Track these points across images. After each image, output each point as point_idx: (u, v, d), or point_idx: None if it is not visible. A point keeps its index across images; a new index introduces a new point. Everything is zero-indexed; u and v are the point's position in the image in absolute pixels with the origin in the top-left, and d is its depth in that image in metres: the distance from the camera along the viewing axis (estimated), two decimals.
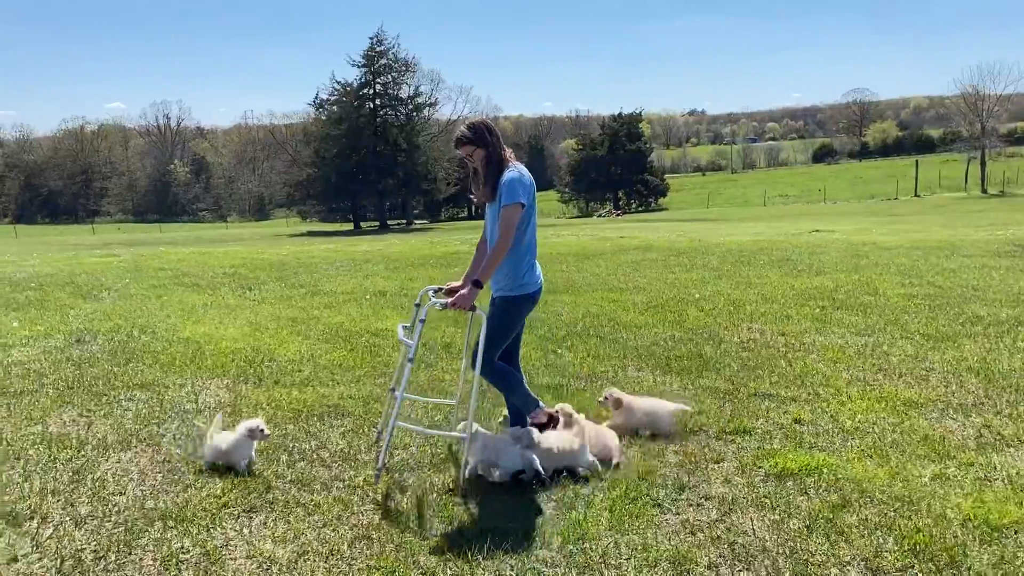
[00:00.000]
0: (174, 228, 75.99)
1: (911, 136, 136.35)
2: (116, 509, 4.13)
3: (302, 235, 51.95)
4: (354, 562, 3.56)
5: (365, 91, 63.62)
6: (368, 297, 10.84)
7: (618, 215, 68.24)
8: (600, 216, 68.27)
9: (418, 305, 4.72)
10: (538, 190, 4.88)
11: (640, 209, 78.63)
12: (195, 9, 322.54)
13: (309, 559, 3.59)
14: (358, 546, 3.70)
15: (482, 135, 4.48)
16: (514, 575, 3.42)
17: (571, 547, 3.62)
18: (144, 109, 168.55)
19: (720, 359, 6.90)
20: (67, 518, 4.04)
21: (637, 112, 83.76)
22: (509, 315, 4.57)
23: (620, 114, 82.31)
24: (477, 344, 4.42)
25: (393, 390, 4.81)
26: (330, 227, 66.63)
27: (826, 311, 8.92)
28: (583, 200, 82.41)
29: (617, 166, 78.14)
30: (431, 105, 67.49)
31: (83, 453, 4.96)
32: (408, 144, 61.71)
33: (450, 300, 4.36)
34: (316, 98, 64.77)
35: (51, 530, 3.91)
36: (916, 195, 63.71)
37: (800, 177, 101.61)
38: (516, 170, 4.44)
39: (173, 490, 4.38)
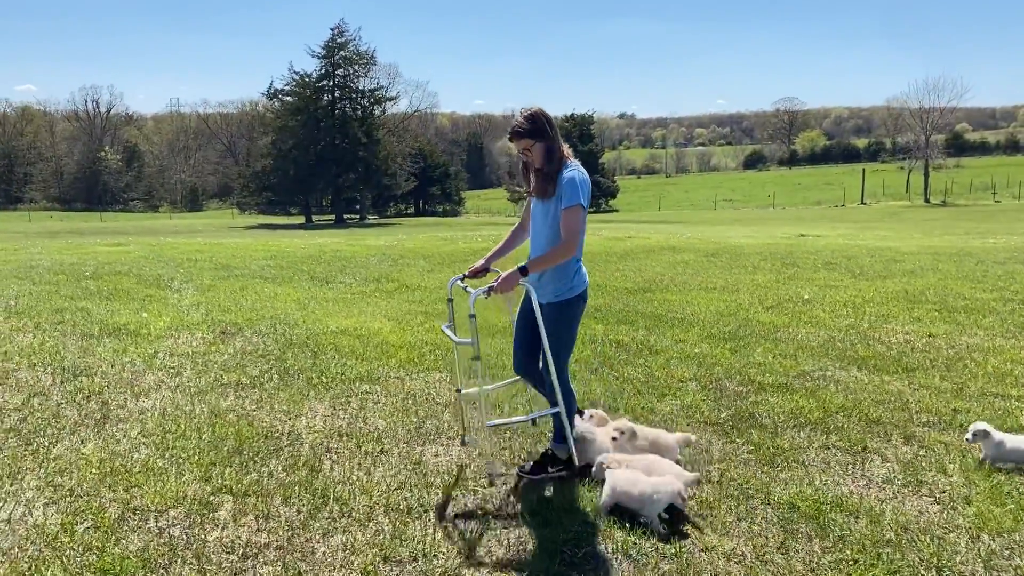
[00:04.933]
0: (113, 218, 73.02)
1: (838, 145, 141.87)
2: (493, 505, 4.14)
3: (256, 228, 50.80)
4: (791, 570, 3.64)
5: (324, 82, 62.74)
6: None
7: None
8: None
9: (451, 300, 4.54)
10: (481, 188, 4.68)
11: (592, 210, 79.16)
12: None
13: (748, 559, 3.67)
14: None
15: (542, 128, 4.17)
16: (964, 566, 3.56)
17: (992, 544, 3.77)
18: (72, 93, 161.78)
19: (904, 359, 7.14)
20: (456, 511, 4.05)
21: (589, 114, 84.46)
22: (566, 320, 4.35)
23: (573, 115, 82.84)
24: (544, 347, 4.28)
25: (459, 390, 4.71)
26: (281, 220, 65.24)
27: (944, 314, 9.27)
28: None
29: None
30: (391, 99, 66.93)
31: (390, 446, 4.91)
32: (368, 138, 61.02)
33: (492, 285, 4.10)
34: (270, 88, 63.62)
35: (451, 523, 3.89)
36: (863, 202, 66.17)
37: (739, 182, 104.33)
38: (575, 168, 4.19)
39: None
